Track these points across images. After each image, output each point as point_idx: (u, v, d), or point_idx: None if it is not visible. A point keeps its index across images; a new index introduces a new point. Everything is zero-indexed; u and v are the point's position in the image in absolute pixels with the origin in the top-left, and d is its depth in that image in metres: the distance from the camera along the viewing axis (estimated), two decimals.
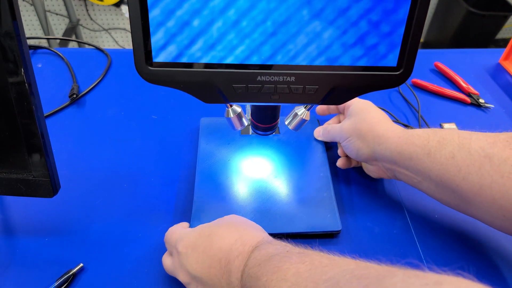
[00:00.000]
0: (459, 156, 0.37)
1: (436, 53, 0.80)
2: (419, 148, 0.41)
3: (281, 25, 0.33)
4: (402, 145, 0.43)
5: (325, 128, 0.54)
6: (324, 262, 0.30)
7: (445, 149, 0.38)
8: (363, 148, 0.47)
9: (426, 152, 0.40)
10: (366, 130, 0.47)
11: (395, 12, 0.32)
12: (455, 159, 0.37)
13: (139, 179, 0.52)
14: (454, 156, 0.37)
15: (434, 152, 0.39)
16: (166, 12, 0.32)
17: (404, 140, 0.43)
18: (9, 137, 0.36)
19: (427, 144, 0.40)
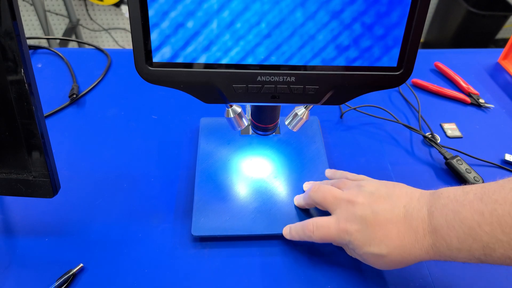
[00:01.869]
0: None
1: (436, 53, 0.80)
2: (466, 259, 0.34)
3: (275, 27, 0.33)
4: (440, 259, 0.36)
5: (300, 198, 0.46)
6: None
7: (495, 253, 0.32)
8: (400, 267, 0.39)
9: (477, 261, 0.34)
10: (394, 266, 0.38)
11: (395, 13, 0.33)
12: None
13: (139, 179, 0.52)
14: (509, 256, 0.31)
15: (485, 259, 0.33)
16: (165, 12, 0.32)
17: (441, 257, 0.36)
18: (9, 137, 0.36)
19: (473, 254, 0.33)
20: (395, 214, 0.37)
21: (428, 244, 0.35)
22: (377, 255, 0.37)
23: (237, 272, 0.43)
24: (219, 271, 0.43)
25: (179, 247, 0.45)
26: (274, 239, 0.46)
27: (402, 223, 0.37)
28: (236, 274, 0.43)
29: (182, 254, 0.45)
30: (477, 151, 0.57)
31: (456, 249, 0.34)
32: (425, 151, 0.59)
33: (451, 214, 0.34)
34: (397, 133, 0.61)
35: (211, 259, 0.44)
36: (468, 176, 0.53)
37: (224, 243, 0.46)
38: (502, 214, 0.31)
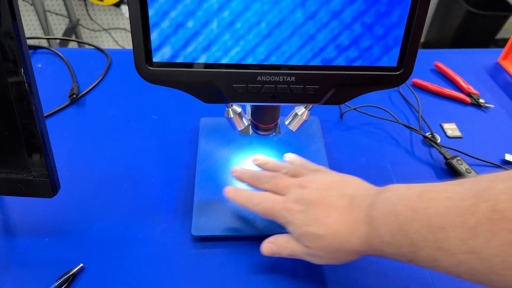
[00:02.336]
0: (441, 260, 0.30)
1: (436, 53, 0.80)
2: (396, 256, 0.34)
3: (275, 27, 0.33)
4: (374, 255, 0.36)
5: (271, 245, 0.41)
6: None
7: (423, 253, 0.31)
8: (341, 261, 0.38)
9: (406, 260, 0.33)
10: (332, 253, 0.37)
11: (395, 13, 0.33)
12: (440, 263, 0.30)
13: (139, 179, 0.52)
14: (436, 259, 0.30)
15: (413, 258, 0.32)
16: (165, 11, 0.32)
17: (374, 252, 0.35)
18: (9, 137, 0.36)
19: (401, 252, 0.33)
20: (341, 200, 0.37)
21: (364, 234, 0.35)
22: (314, 235, 0.37)
23: (237, 272, 0.43)
24: (219, 271, 0.43)
25: (179, 247, 0.45)
26: None
27: (344, 210, 0.37)
28: (236, 274, 0.43)
29: (182, 254, 0.45)
30: (477, 151, 0.57)
31: (386, 243, 0.33)
32: (425, 151, 0.59)
33: (388, 207, 0.33)
34: (397, 133, 0.61)
35: (211, 259, 0.44)
36: (468, 176, 0.53)
37: (224, 243, 0.46)
38: (433, 213, 0.30)
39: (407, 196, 0.33)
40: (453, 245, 0.29)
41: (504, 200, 0.26)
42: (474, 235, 0.27)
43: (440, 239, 0.29)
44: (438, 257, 0.30)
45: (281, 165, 0.46)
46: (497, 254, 0.26)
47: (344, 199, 0.37)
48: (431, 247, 0.30)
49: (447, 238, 0.29)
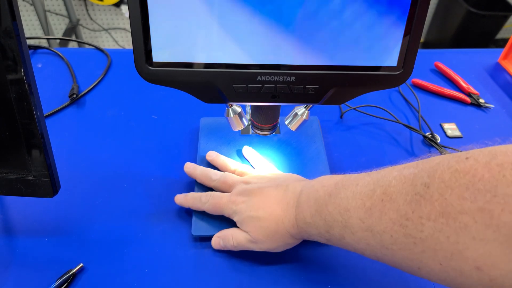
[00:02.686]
0: (347, 237, 0.34)
1: (436, 53, 0.80)
2: (317, 237, 0.38)
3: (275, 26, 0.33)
4: (303, 236, 0.40)
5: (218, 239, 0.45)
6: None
7: (333, 231, 0.35)
8: (281, 245, 0.42)
9: (323, 239, 0.38)
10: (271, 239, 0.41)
11: (395, 13, 0.32)
12: (346, 240, 0.35)
13: (139, 179, 0.52)
14: (343, 237, 0.35)
15: (328, 238, 0.37)
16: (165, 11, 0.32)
17: (306, 235, 0.39)
18: (9, 137, 0.36)
19: (320, 233, 0.37)
20: (277, 189, 0.42)
21: (293, 216, 0.40)
22: (254, 218, 0.41)
23: (237, 272, 0.43)
24: (219, 271, 0.43)
25: (179, 247, 0.45)
26: None
27: (280, 196, 0.42)
28: (236, 274, 0.43)
29: (182, 254, 0.45)
30: None
31: (308, 224, 0.38)
32: (425, 151, 0.59)
33: (312, 193, 0.38)
34: (397, 133, 0.61)
35: (211, 259, 0.44)
36: None
37: None
38: (342, 197, 0.34)
39: (327, 184, 0.37)
40: (355, 224, 0.33)
41: (394, 184, 0.30)
42: (370, 215, 0.32)
43: (345, 219, 0.34)
44: (345, 235, 0.34)
45: (230, 163, 0.51)
46: (385, 230, 0.30)
47: (280, 189, 0.42)
48: (340, 226, 0.34)
49: (350, 218, 0.33)
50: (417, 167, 0.30)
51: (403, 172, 0.30)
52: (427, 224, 0.27)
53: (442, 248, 0.27)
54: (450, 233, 0.26)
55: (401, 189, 0.29)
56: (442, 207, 0.26)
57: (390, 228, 0.30)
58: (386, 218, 0.30)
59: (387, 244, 0.31)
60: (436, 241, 0.27)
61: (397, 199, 0.29)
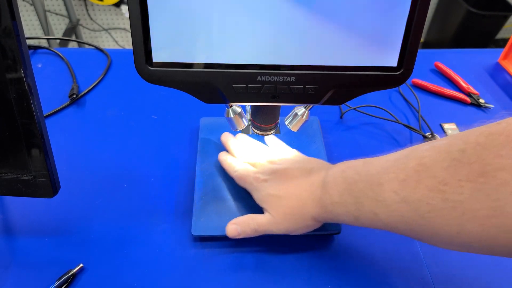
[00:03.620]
0: (379, 212, 0.34)
1: (436, 53, 0.80)
2: (345, 217, 0.38)
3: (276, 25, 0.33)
4: (333, 218, 0.40)
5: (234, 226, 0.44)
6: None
7: (364, 208, 0.35)
8: (308, 224, 0.42)
9: (352, 218, 0.37)
10: (293, 218, 0.42)
11: (395, 11, 0.32)
12: (379, 216, 0.34)
13: (139, 179, 0.52)
14: (375, 213, 0.34)
15: (358, 215, 0.36)
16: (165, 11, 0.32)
17: (330, 216, 0.39)
18: (9, 137, 0.36)
19: (348, 210, 0.37)
20: (301, 171, 0.43)
21: (318, 197, 0.40)
22: (274, 196, 0.43)
23: (237, 272, 0.43)
24: (219, 271, 0.43)
25: (179, 247, 0.45)
26: (274, 239, 0.46)
27: (303, 178, 0.42)
28: (236, 274, 0.43)
29: (182, 254, 0.45)
30: None
31: (336, 203, 0.38)
32: None
33: (338, 173, 0.39)
34: (397, 133, 0.61)
35: (211, 259, 0.44)
36: None
37: (224, 243, 0.46)
38: (373, 173, 0.35)
39: (354, 164, 0.38)
40: (388, 197, 0.33)
41: (427, 155, 0.31)
42: (404, 186, 0.32)
43: (378, 193, 0.34)
44: (377, 210, 0.34)
45: (260, 145, 0.53)
46: (422, 198, 0.30)
47: (304, 171, 0.43)
48: (371, 201, 0.35)
49: (383, 191, 0.33)
50: (448, 138, 0.31)
51: (435, 144, 0.31)
52: (467, 185, 0.28)
53: (482, 207, 0.27)
54: (490, 191, 0.27)
55: (436, 157, 0.30)
56: (480, 167, 0.27)
57: (427, 196, 0.30)
58: (422, 186, 0.30)
59: (423, 213, 0.31)
60: (476, 200, 0.27)
61: (433, 167, 0.30)
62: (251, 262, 0.44)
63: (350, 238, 0.47)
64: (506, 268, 0.44)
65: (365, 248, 0.46)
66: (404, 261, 0.45)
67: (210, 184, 0.50)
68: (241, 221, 0.44)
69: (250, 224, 0.43)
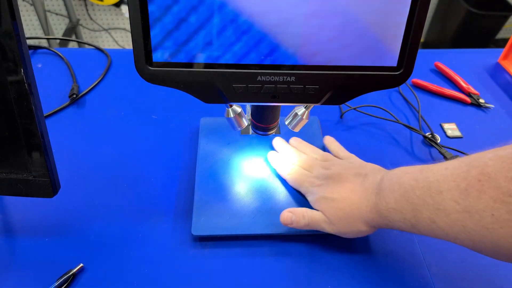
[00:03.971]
0: (439, 221, 0.33)
1: (436, 53, 0.80)
2: (401, 223, 0.37)
3: (277, 23, 0.33)
4: (387, 224, 0.39)
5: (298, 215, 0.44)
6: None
7: (423, 217, 0.35)
8: (360, 228, 0.42)
9: (408, 225, 0.37)
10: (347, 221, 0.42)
11: (395, 11, 0.32)
12: (438, 224, 0.34)
13: (139, 179, 0.52)
14: (434, 221, 0.34)
15: (415, 223, 0.36)
16: (164, 10, 0.32)
17: (385, 222, 0.39)
18: (9, 137, 0.36)
19: (405, 218, 0.36)
20: (356, 176, 0.43)
21: (373, 203, 0.39)
22: (328, 199, 0.43)
23: (237, 272, 0.43)
24: (219, 271, 0.43)
25: (179, 247, 0.45)
26: (274, 239, 0.46)
27: (358, 183, 0.42)
28: (236, 274, 0.43)
29: (182, 254, 0.45)
30: (477, 151, 0.57)
31: (392, 209, 0.37)
32: (425, 151, 0.59)
33: (394, 179, 0.38)
34: (397, 133, 0.61)
35: (211, 259, 0.44)
36: None
37: (224, 243, 0.46)
38: (432, 180, 0.34)
39: (411, 170, 0.38)
40: (448, 206, 0.32)
41: (491, 164, 0.30)
42: (466, 195, 0.31)
43: (437, 202, 0.33)
44: (436, 218, 0.34)
45: (314, 148, 0.53)
46: (485, 209, 0.30)
47: (359, 177, 0.43)
48: (430, 209, 0.34)
49: (444, 200, 0.33)
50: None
51: (499, 153, 0.31)
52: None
53: None
54: None
55: (500, 168, 0.29)
56: None
57: (491, 207, 0.29)
58: (486, 197, 0.30)
59: (487, 224, 0.30)
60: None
61: (497, 178, 0.29)
62: (251, 262, 0.44)
63: (350, 238, 0.47)
64: (506, 268, 0.44)
65: (365, 248, 0.46)
66: (404, 261, 0.45)
67: (210, 184, 0.50)
68: (297, 211, 0.44)
69: (305, 217, 0.44)
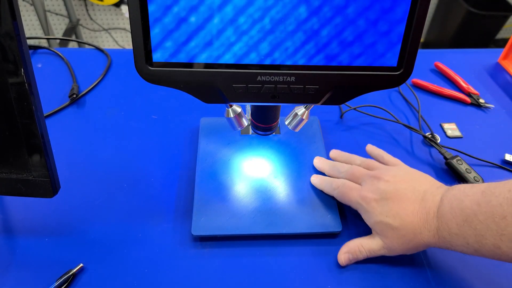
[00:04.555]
0: (503, 246, 0.33)
1: (436, 53, 0.80)
2: (464, 248, 0.37)
3: (278, 22, 0.33)
4: (442, 247, 0.39)
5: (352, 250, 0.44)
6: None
7: (487, 243, 0.34)
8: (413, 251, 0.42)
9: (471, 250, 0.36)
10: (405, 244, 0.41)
11: (395, 11, 0.32)
12: (502, 250, 0.33)
13: (139, 179, 0.52)
14: (499, 247, 0.33)
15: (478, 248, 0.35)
16: (164, 10, 0.32)
17: (446, 245, 0.38)
18: (9, 137, 0.36)
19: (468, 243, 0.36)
20: (415, 194, 0.41)
21: (435, 227, 0.38)
22: (390, 226, 0.40)
23: (237, 272, 0.43)
24: (219, 271, 0.43)
25: (179, 247, 0.45)
26: (274, 239, 0.46)
27: (418, 204, 0.40)
28: (236, 274, 0.43)
29: (182, 254, 0.45)
30: (477, 151, 0.57)
31: (454, 235, 0.36)
32: (425, 151, 0.59)
33: (455, 203, 0.37)
34: (397, 133, 0.61)
35: (211, 259, 0.44)
36: (468, 176, 0.53)
37: (224, 243, 0.46)
38: (495, 205, 0.33)
39: (472, 192, 0.36)
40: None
41: None
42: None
43: (501, 227, 0.32)
44: (501, 244, 0.33)
45: (355, 157, 0.51)
46: None
47: (417, 194, 0.41)
48: (494, 235, 0.33)
49: (508, 226, 0.32)
50: None
51: None
52: None
53: None
54: None
55: None
56: None
57: None
58: None
59: None
60: None
61: None
62: (251, 262, 0.44)
63: (350, 238, 0.47)
64: (506, 268, 0.44)
65: None
66: (404, 261, 0.45)
67: (210, 184, 0.50)
68: (352, 249, 0.43)
69: (362, 252, 0.43)
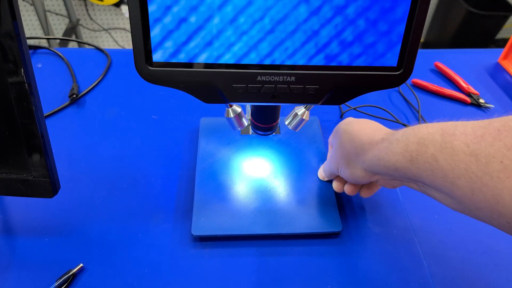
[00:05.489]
0: (442, 159, 0.32)
1: (436, 53, 0.80)
2: (401, 156, 0.36)
3: (278, 22, 0.33)
4: (383, 156, 0.38)
5: (320, 169, 0.52)
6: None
7: (426, 152, 0.33)
8: (356, 171, 0.42)
9: (408, 159, 0.35)
10: (348, 151, 0.42)
11: (395, 11, 0.33)
12: (439, 163, 0.32)
13: (139, 179, 0.52)
14: (437, 159, 0.32)
15: (416, 157, 0.34)
16: (164, 10, 0.32)
17: (384, 150, 0.38)
18: (9, 137, 0.36)
19: (407, 149, 0.35)
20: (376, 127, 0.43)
21: (383, 134, 0.39)
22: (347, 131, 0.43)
23: (237, 272, 0.43)
24: (219, 271, 0.43)
25: (179, 247, 0.45)
26: (274, 239, 0.46)
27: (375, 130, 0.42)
28: (236, 274, 0.43)
29: (182, 254, 0.45)
30: None
31: (396, 140, 0.37)
32: None
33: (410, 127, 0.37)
34: None
35: (211, 259, 0.44)
36: None
37: (224, 243, 0.46)
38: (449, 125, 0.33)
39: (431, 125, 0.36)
40: (457, 146, 0.31)
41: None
42: (479, 141, 0.30)
43: (446, 141, 0.32)
44: (439, 156, 0.32)
45: None
46: (495, 155, 0.28)
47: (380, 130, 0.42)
48: (436, 146, 0.33)
49: (453, 141, 0.32)
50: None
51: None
52: None
53: None
54: None
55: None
56: None
57: (502, 155, 0.28)
58: (500, 144, 0.28)
59: (492, 171, 0.28)
60: None
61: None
62: (251, 262, 0.44)
63: (350, 238, 0.47)
64: (506, 268, 0.44)
65: (365, 248, 0.46)
66: (404, 261, 0.45)
67: (210, 184, 0.50)
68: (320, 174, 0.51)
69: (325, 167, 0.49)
